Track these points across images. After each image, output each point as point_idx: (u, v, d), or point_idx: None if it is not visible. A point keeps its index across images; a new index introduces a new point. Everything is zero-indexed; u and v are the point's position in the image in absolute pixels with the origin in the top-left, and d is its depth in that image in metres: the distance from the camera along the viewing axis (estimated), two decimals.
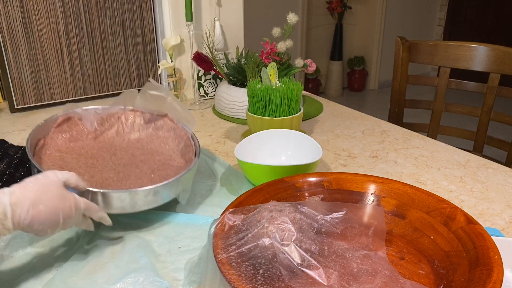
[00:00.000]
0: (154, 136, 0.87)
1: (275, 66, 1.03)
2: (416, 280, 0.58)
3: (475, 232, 0.59)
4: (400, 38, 1.49)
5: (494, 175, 0.94)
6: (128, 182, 0.75)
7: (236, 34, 1.47)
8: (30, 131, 0.79)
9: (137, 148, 0.85)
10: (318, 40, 4.39)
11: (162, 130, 0.88)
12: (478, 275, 0.52)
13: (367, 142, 1.11)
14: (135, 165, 0.80)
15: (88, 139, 0.85)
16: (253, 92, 1.00)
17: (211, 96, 1.44)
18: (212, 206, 0.83)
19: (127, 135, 0.87)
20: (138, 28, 1.41)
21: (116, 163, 0.80)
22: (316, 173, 0.77)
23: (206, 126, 1.22)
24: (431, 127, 1.51)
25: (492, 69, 1.36)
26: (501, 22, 4.30)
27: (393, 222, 0.69)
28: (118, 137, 0.87)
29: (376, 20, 4.38)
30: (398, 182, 0.73)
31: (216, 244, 0.57)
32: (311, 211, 0.61)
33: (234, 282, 0.51)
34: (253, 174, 0.84)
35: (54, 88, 1.34)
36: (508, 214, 0.80)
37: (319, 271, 0.54)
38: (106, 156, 0.81)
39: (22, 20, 1.24)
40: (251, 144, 0.93)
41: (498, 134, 1.57)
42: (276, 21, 1.40)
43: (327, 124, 1.23)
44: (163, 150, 0.84)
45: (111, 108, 0.88)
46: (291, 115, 1.00)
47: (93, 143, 0.84)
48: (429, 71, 4.89)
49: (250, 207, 0.63)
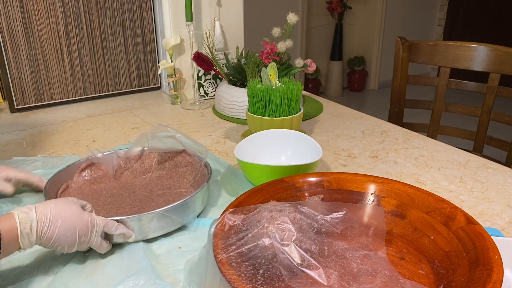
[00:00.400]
0: (173, 172, 0.89)
1: (275, 66, 1.03)
2: (416, 280, 0.58)
3: (475, 232, 0.59)
4: (400, 38, 1.49)
5: (494, 175, 0.94)
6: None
7: (236, 34, 1.47)
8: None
9: (156, 184, 0.86)
10: (318, 40, 4.39)
11: (180, 166, 0.90)
12: (478, 275, 0.52)
13: (367, 142, 1.11)
14: (151, 199, 0.81)
15: (110, 181, 0.87)
16: (253, 92, 1.00)
17: (211, 96, 1.44)
18: (212, 206, 0.83)
19: (148, 174, 0.89)
20: (138, 28, 1.41)
21: (133, 199, 0.81)
22: (316, 173, 0.77)
23: (206, 126, 1.22)
24: (431, 127, 1.51)
25: (492, 69, 1.36)
26: (501, 22, 4.30)
27: (393, 222, 0.69)
28: (139, 176, 0.89)
29: (376, 20, 4.38)
30: (398, 182, 0.73)
31: (216, 244, 0.57)
32: (311, 211, 0.61)
33: (234, 282, 0.51)
34: (253, 174, 0.84)
35: (54, 88, 1.34)
36: (508, 214, 0.80)
37: (319, 271, 0.54)
38: (124, 194, 0.83)
39: (22, 20, 1.24)
40: (251, 144, 0.93)
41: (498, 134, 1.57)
42: (276, 21, 1.40)
43: (327, 124, 1.23)
44: (180, 184, 0.86)
45: (131, 150, 0.90)
46: (291, 115, 1.00)
47: (115, 183, 0.86)
48: (429, 71, 4.90)
49: (250, 207, 0.62)
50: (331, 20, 4.41)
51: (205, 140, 1.12)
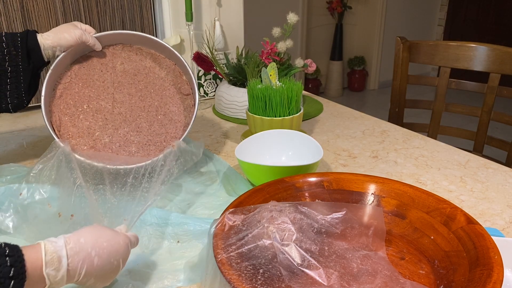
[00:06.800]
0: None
1: (275, 66, 1.03)
2: (416, 280, 0.58)
3: (475, 232, 0.59)
4: (400, 38, 1.49)
5: (494, 175, 0.94)
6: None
7: (236, 34, 1.47)
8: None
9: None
10: (318, 40, 4.39)
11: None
12: (478, 275, 0.52)
13: (367, 142, 1.11)
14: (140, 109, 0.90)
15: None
16: (253, 92, 1.00)
17: (211, 96, 1.44)
18: (212, 206, 0.83)
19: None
20: (138, 28, 1.41)
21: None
22: (316, 173, 0.77)
23: (206, 126, 1.22)
24: (431, 127, 1.51)
25: (492, 69, 1.36)
26: (501, 22, 4.30)
27: (393, 222, 0.69)
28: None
29: (376, 20, 4.38)
30: (398, 182, 0.73)
31: (216, 244, 0.57)
32: (311, 211, 0.61)
33: (234, 282, 0.51)
34: (253, 175, 0.84)
35: None
36: (508, 214, 0.80)
37: (319, 271, 0.54)
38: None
39: (22, 20, 1.24)
40: (252, 144, 0.93)
41: (498, 134, 1.57)
42: (276, 21, 1.40)
43: (327, 124, 1.23)
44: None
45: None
46: (291, 115, 1.00)
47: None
48: (429, 71, 4.89)
49: (250, 207, 0.63)
50: (331, 20, 4.41)
51: (205, 140, 1.12)
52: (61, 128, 0.87)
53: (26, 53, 0.82)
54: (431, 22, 4.79)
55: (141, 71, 0.92)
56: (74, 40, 0.84)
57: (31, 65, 0.84)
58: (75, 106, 0.89)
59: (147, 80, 0.92)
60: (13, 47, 0.81)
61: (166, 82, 0.92)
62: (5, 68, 0.81)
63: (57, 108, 0.88)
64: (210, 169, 0.95)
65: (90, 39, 0.86)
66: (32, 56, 0.83)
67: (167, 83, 0.92)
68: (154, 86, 0.91)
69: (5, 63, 0.81)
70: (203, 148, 0.86)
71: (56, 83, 0.89)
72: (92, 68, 0.91)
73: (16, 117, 1.28)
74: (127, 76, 0.92)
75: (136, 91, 0.90)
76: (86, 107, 0.89)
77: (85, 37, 0.85)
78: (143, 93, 0.91)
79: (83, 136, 0.87)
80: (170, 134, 0.91)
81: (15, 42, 0.81)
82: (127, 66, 0.92)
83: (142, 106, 0.90)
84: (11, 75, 0.82)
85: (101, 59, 0.91)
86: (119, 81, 0.91)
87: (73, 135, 0.87)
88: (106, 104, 0.89)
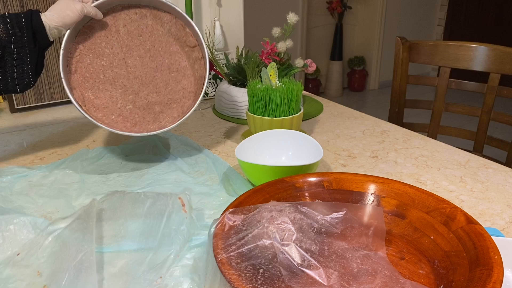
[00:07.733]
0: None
1: (275, 66, 1.03)
2: (416, 280, 0.58)
3: (475, 232, 0.59)
4: (400, 38, 1.49)
5: (494, 175, 0.94)
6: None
7: (236, 34, 1.47)
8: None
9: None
10: (318, 40, 4.39)
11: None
12: (478, 275, 0.52)
13: (367, 142, 1.11)
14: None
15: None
16: (253, 92, 1.00)
17: (211, 96, 1.44)
18: (212, 206, 0.83)
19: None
20: None
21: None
22: (316, 173, 0.77)
23: (206, 126, 1.22)
24: (431, 127, 1.51)
25: (492, 69, 1.36)
26: (501, 22, 4.30)
27: (393, 222, 0.69)
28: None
29: (376, 20, 4.38)
30: (398, 182, 0.73)
31: (216, 244, 0.57)
32: (311, 211, 0.61)
33: (234, 282, 0.52)
34: (253, 175, 0.84)
35: (54, 88, 1.34)
36: (508, 214, 0.80)
37: (319, 271, 0.54)
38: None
39: None
40: (252, 144, 0.93)
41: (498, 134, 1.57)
42: (276, 21, 1.40)
43: (327, 124, 1.23)
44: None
45: None
46: (291, 115, 1.00)
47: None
48: (429, 71, 4.90)
49: (250, 207, 0.63)
50: (331, 20, 4.41)
51: (205, 140, 1.12)
52: (86, 102, 0.89)
53: (31, 34, 0.82)
54: (431, 22, 4.79)
55: (144, 31, 0.93)
56: (77, 15, 0.85)
57: (37, 46, 0.84)
58: (92, 78, 0.90)
59: (152, 38, 0.93)
60: (18, 28, 0.81)
61: (171, 38, 0.93)
62: (11, 49, 0.81)
63: (76, 83, 0.90)
64: (210, 169, 0.95)
65: (91, 10, 0.87)
66: (38, 37, 0.84)
67: (171, 38, 0.93)
68: (160, 43, 0.93)
69: (11, 45, 0.81)
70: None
71: (68, 59, 0.90)
72: (98, 37, 0.91)
73: (16, 117, 1.28)
74: (133, 38, 0.92)
75: (144, 51, 0.92)
76: (102, 77, 0.91)
77: (87, 9, 0.86)
78: (152, 53, 0.92)
79: (108, 106, 0.90)
80: (187, 89, 0.94)
81: (20, 23, 0.82)
82: (129, 27, 0.93)
83: (154, 66, 0.92)
84: (17, 56, 0.82)
85: (103, 25, 0.92)
86: (127, 45, 0.92)
87: (98, 107, 0.90)
88: (120, 70, 0.91)
